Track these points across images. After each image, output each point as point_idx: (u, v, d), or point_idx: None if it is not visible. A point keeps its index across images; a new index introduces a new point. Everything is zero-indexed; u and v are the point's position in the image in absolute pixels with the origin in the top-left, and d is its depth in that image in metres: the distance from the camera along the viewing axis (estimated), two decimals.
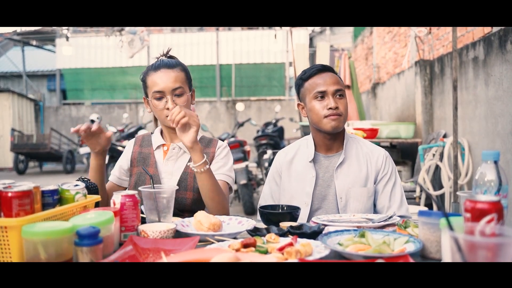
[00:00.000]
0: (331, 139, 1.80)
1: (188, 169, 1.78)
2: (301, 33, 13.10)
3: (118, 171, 1.88)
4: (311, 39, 14.80)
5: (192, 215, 1.78)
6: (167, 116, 1.67)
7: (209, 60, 13.70)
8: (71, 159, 11.50)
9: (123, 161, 1.89)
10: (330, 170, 1.80)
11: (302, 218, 1.74)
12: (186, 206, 1.75)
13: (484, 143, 3.38)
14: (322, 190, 1.79)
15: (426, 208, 3.46)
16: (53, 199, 1.23)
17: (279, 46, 12.80)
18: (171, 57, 1.87)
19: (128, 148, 1.92)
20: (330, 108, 1.73)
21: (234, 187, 6.25)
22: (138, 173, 1.82)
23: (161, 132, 1.90)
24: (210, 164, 1.79)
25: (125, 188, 1.87)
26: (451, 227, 0.83)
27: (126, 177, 1.88)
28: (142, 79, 1.81)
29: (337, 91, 1.75)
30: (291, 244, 1.12)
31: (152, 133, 1.93)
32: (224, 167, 1.80)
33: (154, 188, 1.41)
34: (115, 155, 6.64)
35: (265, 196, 1.92)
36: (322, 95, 1.75)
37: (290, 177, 1.84)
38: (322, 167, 1.81)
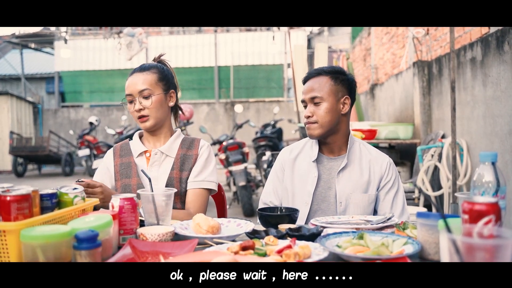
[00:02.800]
0: (327, 143, 1.82)
1: (173, 174, 1.78)
2: (299, 35, 13.11)
3: None
4: (309, 41, 14.83)
5: None
6: (138, 118, 1.78)
7: (208, 62, 13.71)
8: (70, 161, 11.49)
9: (104, 175, 1.86)
10: (332, 173, 1.80)
11: (301, 218, 1.75)
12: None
13: (483, 143, 3.39)
14: (323, 191, 1.79)
15: (425, 209, 3.46)
16: (52, 202, 1.23)
17: (277, 47, 12.82)
18: (160, 61, 1.91)
19: (109, 161, 1.88)
20: (305, 117, 1.79)
21: (233, 188, 6.31)
22: (123, 185, 1.80)
23: (141, 137, 1.90)
24: (193, 166, 1.81)
25: None
26: (449, 229, 0.84)
27: None
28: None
29: (312, 98, 1.77)
30: (289, 247, 1.12)
31: (130, 140, 1.92)
32: (203, 173, 1.81)
33: (152, 191, 1.41)
34: None
35: (268, 192, 1.91)
36: (304, 104, 1.82)
37: (293, 175, 1.85)
38: (325, 168, 1.82)
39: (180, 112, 1.98)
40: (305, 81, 1.84)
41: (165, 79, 1.82)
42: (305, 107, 1.82)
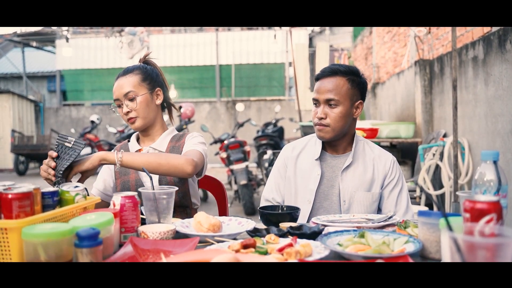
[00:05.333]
0: (333, 143, 1.81)
1: None
2: (301, 33, 13.09)
3: (103, 185, 1.90)
4: (310, 39, 14.79)
5: (183, 210, 1.79)
6: (128, 120, 1.83)
7: (209, 61, 13.70)
8: None
9: (107, 175, 1.91)
10: (336, 171, 1.79)
11: (303, 215, 1.75)
12: (175, 203, 1.75)
13: (484, 142, 3.38)
14: (326, 189, 1.79)
15: (426, 208, 3.46)
16: (53, 200, 1.23)
17: (279, 46, 12.79)
18: (145, 61, 1.95)
19: None
20: (317, 117, 1.74)
21: (234, 187, 6.31)
22: (122, 183, 1.84)
23: (138, 138, 1.95)
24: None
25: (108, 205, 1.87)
26: (450, 227, 0.84)
27: (111, 193, 1.88)
28: None
29: (328, 100, 1.72)
30: (290, 245, 1.12)
31: (128, 141, 1.96)
32: (190, 143, 1.81)
33: (153, 189, 1.41)
34: None
35: (270, 189, 1.91)
36: (315, 102, 1.77)
37: (295, 172, 1.84)
38: (328, 166, 1.81)
39: (174, 109, 2.00)
40: (318, 78, 1.77)
41: (148, 78, 1.84)
42: (316, 105, 1.77)
